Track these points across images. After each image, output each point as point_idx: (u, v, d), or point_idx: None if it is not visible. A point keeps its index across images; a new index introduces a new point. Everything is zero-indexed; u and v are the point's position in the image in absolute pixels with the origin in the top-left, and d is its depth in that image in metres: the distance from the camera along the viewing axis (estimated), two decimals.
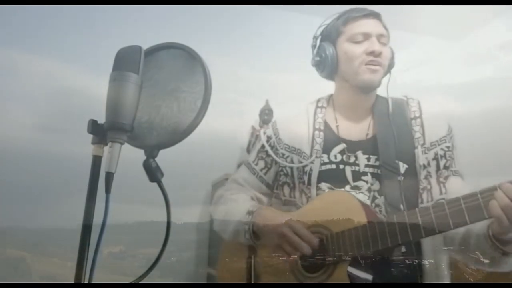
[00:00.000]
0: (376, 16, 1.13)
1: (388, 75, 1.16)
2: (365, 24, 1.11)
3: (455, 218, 0.89)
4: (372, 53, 1.08)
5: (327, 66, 1.14)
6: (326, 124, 1.17)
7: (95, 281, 0.65)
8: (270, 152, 1.19)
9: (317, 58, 1.16)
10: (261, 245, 1.12)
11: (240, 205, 1.15)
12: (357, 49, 1.10)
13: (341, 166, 1.10)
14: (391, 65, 1.16)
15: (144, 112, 0.75)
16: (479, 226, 0.96)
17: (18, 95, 1.84)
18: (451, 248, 1.05)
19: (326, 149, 1.13)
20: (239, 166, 2.30)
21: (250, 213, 1.11)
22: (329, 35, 1.16)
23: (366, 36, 1.10)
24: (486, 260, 0.98)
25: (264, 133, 1.25)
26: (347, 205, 1.03)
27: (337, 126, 1.17)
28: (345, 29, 1.12)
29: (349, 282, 0.95)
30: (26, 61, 1.96)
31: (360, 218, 0.99)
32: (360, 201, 1.04)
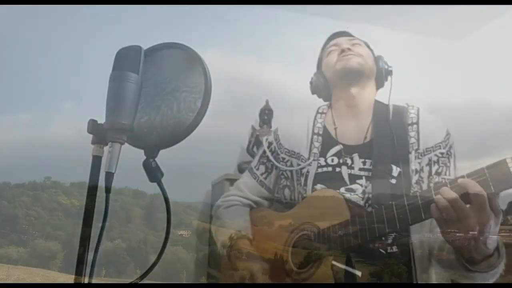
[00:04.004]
0: (341, 34, 1.31)
1: (389, 83, 1.26)
2: (333, 41, 1.30)
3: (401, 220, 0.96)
4: (342, 51, 1.23)
5: (319, 86, 1.29)
6: (325, 128, 1.23)
7: (95, 281, 0.65)
8: (270, 157, 1.25)
9: (311, 87, 1.32)
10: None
11: (225, 234, 1.22)
12: (332, 57, 1.26)
13: (337, 169, 1.14)
14: (387, 71, 1.25)
15: (144, 112, 0.75)
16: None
17: None
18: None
19: (324, 153, 1.18)
20: (239, 167, 2.31)
21: (231, 239, 1.18)
22: (317, 65, 1.34)
23: (337, 45, 1.27)
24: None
25: (266, 139, 1.32)
26: (332, 202, 1.09)
27: (335, 129, 1.21)
28: (323, 53, 1.32)
29: (333, 274, 1.00)
30: None
31: (345, 213, 1.04)
32: (344, 197, 1.08)
